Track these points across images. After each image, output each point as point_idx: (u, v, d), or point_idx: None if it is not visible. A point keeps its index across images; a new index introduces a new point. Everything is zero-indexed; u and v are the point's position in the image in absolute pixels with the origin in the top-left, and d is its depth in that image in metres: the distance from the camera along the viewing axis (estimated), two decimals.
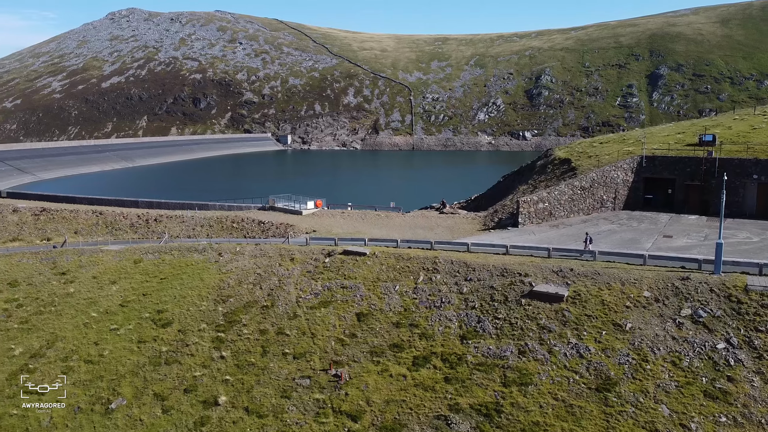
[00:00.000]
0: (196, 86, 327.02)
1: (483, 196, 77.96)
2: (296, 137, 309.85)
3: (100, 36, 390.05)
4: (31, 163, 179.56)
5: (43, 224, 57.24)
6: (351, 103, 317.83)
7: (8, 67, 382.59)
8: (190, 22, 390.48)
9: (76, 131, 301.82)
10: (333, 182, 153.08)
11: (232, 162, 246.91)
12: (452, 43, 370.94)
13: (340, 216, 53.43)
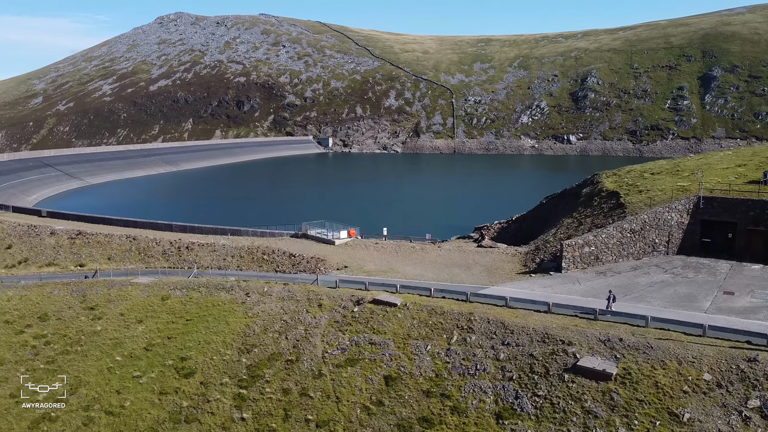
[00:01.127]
0: (240, 89, 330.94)
1: (525, 218, 74.81)
2: (337, 140, 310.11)
3: (149, 40, 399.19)
4: (80, 168, 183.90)
5: (79, 248, 57.22)
6: (392, 106, 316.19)
7: (62, 70, 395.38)
8: (235, 26, 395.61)
9: (124, 133, 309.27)
10: (371, 190, 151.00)
11: (273, 165, 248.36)
12: (495, 44, 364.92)
13: (373, 247, 51.50)
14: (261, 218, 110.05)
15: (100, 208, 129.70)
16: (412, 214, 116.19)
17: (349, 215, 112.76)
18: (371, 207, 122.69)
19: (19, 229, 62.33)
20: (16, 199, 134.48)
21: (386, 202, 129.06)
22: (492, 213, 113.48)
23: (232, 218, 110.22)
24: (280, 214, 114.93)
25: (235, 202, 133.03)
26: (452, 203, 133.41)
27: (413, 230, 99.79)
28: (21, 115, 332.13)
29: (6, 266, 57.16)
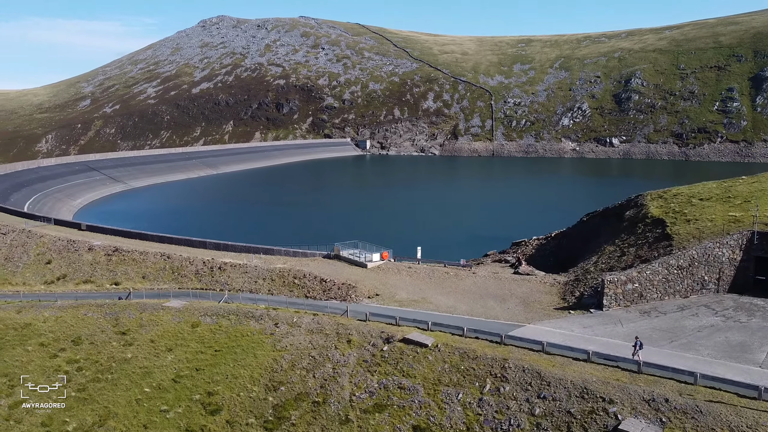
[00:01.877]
0: (279, 91, 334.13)
1: (565, 236, 72.36)
2: (375, 142, 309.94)
3: (192, 43, 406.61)
4: (123, 172, 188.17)
5: (115, 266, 57.77)
6: (430, 108, 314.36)
7: (110, 73, 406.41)
8: (276, 29, 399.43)
9: (167, 135, 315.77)
10: (407, 197, 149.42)
11: (310, 168, 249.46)
12: (536, 45, 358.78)
13: (406, 272, 50.26)
14: (296, 227, 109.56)
15: (140, 212, 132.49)
16: (448, 224, 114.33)
17: (383, 225, 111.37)
18: (406, 215, 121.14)
19: (59, 244, 63.38)
20: (62, 204, 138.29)
21: (422, 211, 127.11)
22: (531, 223, 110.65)
23: (267, 228, 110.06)
24: (315, 224, 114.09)
25: (270, 208, 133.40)
26: (490, 211, 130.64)
27: (449, 242, 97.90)
28: (70, 117, 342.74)
29: (45, 282, 58.13)
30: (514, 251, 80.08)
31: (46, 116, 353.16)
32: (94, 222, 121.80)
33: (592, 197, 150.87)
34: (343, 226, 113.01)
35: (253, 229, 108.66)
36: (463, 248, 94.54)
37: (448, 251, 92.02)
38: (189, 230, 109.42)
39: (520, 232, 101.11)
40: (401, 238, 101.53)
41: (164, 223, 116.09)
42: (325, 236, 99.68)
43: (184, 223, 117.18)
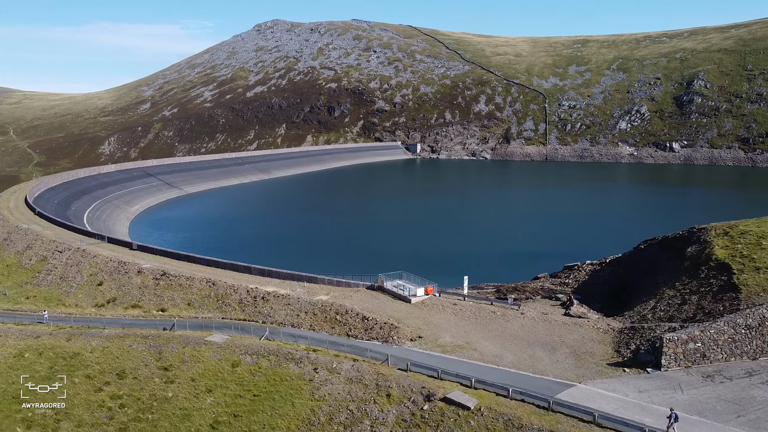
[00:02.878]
0: (331, 95, 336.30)
1: (620, 263, 69.03)
2: (425, 146, 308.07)
3: (247, 47, 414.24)
4: (178, 177, 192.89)
5: (162, 291, 58.42)
6: (482, 111, 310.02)
7: (169, 77, 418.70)
8: (328, 32, 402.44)
9: (222, 138, 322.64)
10: (456, 206, 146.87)
11: (361, 173, 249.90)
12: (592, 46, 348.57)
13: (451, 310, 48.62)
14: (342, 240, 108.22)
15: (192, 220, 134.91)
16: (497, 237, 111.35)
17: (430, 238, 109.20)
18: (454, 227, 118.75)
19: (111, 266, 64.68)
20: (119, 211, 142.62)
21: (470, 222, 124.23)
22: (584, 241, 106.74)
23: (314, 239, 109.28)
24: (361, 237, 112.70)
25: (318, 218, 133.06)
26: (541, 224, 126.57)
27: (498, 259, 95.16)
28: (131, 121, 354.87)
29: (96, 305, 59.34)
30: (566, 276, 77.11)
31: (109, 119, 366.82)
32: (148, 230, 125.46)
33: (650, 211, 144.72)
34: (390, 238, 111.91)
35: (299, 241, 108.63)
36: (513, 267, 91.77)
37: (497, 270, 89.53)
38: (238, 241, 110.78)
39: (573, 252, 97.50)
40: (449, 253, 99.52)
41: (214, 234, 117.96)
42: (371, 251, 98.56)
43: (233, 233, 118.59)
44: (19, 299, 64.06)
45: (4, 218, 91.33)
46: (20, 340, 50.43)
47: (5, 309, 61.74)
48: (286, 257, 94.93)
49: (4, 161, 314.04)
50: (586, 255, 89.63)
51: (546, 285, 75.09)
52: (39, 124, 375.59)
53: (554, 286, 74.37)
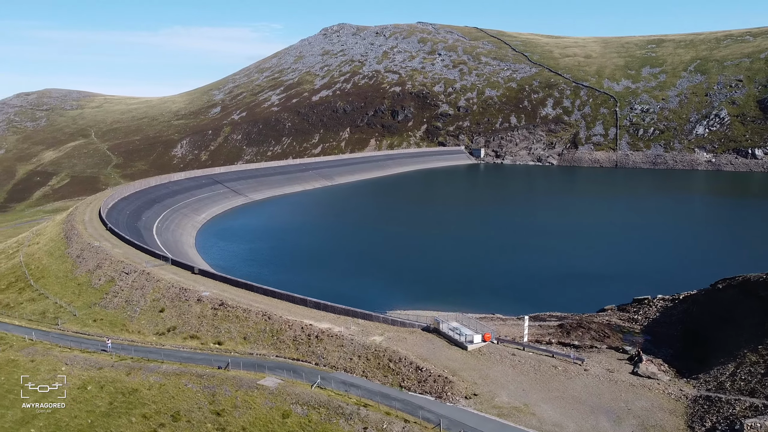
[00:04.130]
0: (395, 99, 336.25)
1: (695, 302, 64.72)
2: (489, 150, 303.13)
3: (314, 51, 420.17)
4: (244, 185, 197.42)
5: (219, 322, 59.17)
6: (549, 115, 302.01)
7: (238, 81, 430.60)
8: (393, 35, 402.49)
9: (288, 142, 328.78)
10: (519, 217, 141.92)
11: (423, 179, 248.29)
12: (668, 46, 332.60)
13: (509, 361, 46.56)
14: (401, 258, 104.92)
15: (255, 230, 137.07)
16: (562, 258, 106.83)
17: (491, 256, 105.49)
18: (517, 245, 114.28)
19: (172, 292, 66.19)
20: (187, 220, 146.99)
21: (534, 238, 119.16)
22: (656, 266, 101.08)
23: (371, 257, 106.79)
24: (420, 253, 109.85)
25: (378, 231, 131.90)
26: (610, 244, 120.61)
27: (563, 285, 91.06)
28: (202, 124, 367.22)
29: (157, 333, 60.77)
30: (635, 311, 73.07)
31: (181, 123, 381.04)
32: (213, 240, 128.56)
33: (731, 232, 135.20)
34: (449, 255, 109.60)
35: (356, 257, 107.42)
36: (578, 293, 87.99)
37: (561, 295, 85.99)
38: (298, 255, 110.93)
39: (643, 276, 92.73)
40: (509, 273, 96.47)
41: (275, 246, 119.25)
42: (429, 271, 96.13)
43: (294, 245, 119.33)
44: (87, 321, 66.49)
45: (79, 234, 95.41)
46: (85, 370, 52.10)
47: (74, 331, 64.24)
48: (343, 276, 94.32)
49: (85, 163, 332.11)
50: (656, 284, 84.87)
51: (613, 320, 71.47)
52: (118, 127, 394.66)
53: (622, 321, 70.67)
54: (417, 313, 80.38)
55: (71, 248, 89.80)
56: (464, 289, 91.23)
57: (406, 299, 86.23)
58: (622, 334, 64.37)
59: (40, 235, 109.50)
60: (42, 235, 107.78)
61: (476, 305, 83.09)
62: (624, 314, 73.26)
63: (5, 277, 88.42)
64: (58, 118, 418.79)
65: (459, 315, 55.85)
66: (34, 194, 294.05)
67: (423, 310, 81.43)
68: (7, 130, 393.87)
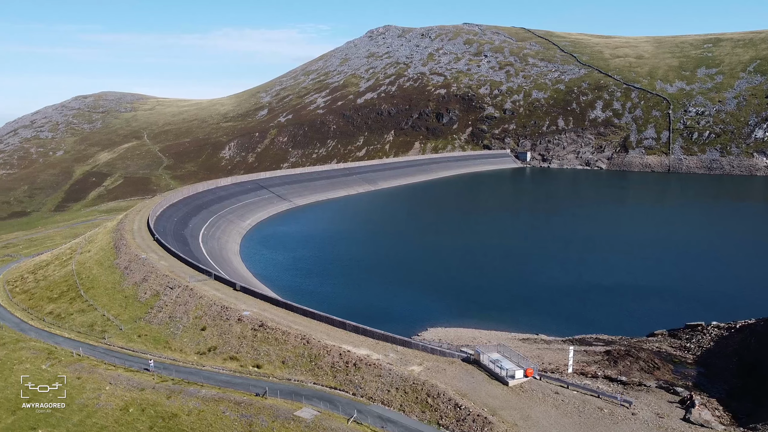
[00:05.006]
0: (439, 101, 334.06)
1: (753, 333, 61.59)
2: (536, 154, 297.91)
3: (359, 53, 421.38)
4: (288, 190, 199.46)
5: (259, 344, 59.39)
6: (598, 118, 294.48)
7: (285, 84, 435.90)
8: (439, 37, 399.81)
9: (333, 144, 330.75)
10: (567, 229, 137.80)
11: (467, 184, 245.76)
12: (725, 45, 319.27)
13: (551, 401, 44.88)
14: (442, 272, 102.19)
15: (299, 238, 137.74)
16: (608, 272, 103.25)
17: (535, 272, 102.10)
18: (562, 258, 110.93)
19: (214, 310, 66.91)
20: (233, 227, 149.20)
21: (579, 254, 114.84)
22: (710, 285, 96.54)
23: (411, 270, 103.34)
24: (461, 267, 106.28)
25: (418, 241, 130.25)
26: (659, 257, 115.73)
27: (608, 303, 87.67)
28: (249, 126, 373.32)
29: (198, 352, 61.47)
30: (687, 338, 69.98)
31: (230, 125, 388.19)
32: (257, 248, 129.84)
33: None
34: (490, 268, 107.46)
35: (397, 268, 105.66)
36: (626, 312, 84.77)
37: (608, 314, 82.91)
38: (339, 266, 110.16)
39: (697, 302, 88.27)
40: (553, 290, 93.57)
41: (318, 255, 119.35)
42: (469, 285, 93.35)
43: (335, 254, 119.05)
44: (132, 336, 67.86)
45: (127, 244, 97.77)
46: (127, 391, 53.07)
47: (120, 347, 65.61)
48: (383, 287, 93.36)
49: (138, 164, 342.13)
50: (711, 308, 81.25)
51: (663, 347, 68.70)
52: (169, 129, 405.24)
53: (673, 349, 67.84)
54: (458, 331, 79.10)
55: (120, 259, 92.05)
56: (507, 305, 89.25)
57: (448, 314, 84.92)
58: (673, 365, 61.62)
59: (92, 242, 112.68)
60: (93, 243, 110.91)
61: (519, 323, 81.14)
62: (675, 341, 70.20)
63: (58, 286, 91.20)
64: (113, 120, 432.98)
65: (501, 345, 54.32)
66: (90, 194, 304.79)
67: (464, 328, 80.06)
68: (65, 132, 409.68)
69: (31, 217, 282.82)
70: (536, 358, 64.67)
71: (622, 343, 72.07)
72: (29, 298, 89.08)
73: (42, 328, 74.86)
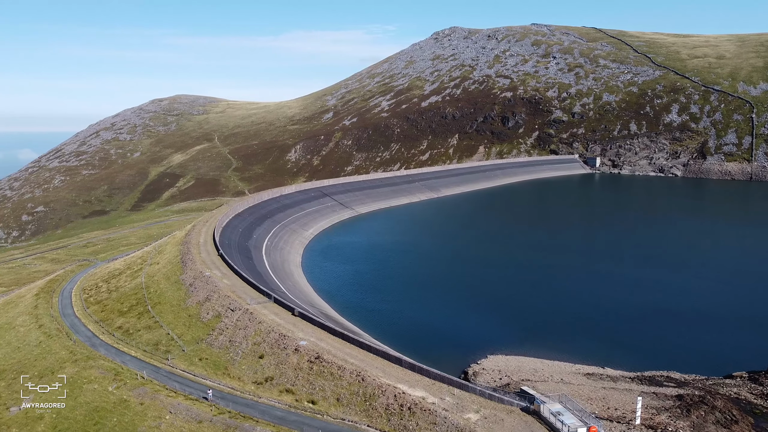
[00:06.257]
0: (505, 105, 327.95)
1: None
2: (606, 160, 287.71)
3: (424, 56, 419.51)
4: (351, 197, 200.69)
5: (314, 378, 59.36)
6: (673, 122, 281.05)
7: (350, 87, 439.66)
8: (506, 38, 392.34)
9: (396, 148, 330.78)
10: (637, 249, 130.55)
11: (533, 191, 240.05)
12: None
13: None
14: (500, 297, 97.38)
15: (360, 249, 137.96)
16: (683, 300, 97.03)
17: (603, 295, 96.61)
18: (630, 281, 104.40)
19: (272, 337, 67.51)
20: (295, 236, 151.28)
21: (649, 273, 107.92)
22: None
23: (467, 291, 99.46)
24: (520, 287, 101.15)
25: (478, 254, 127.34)
26: (739, 283, 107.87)
27: (680, 337, 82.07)
28: (315, 130, 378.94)
29: (255, 381, 62.15)
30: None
31: (296, 128, 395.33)
32: (318, 260, 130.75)
33: None
34: (557, 288, 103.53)
35: (457, 286, 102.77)
36: (702, 349, 79.34)
37: (682, 353, 77.75)
38: (399, 281, 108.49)
39: None
40: (621, 316, 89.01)
41: (378, 270, 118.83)
42: (535, 306, 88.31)
43: (395, 269, 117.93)
44: (194, 359, 69.40)
45: (193, 259, 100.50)
46: (186, 422, 54.18)
47: (182, 369, 67.21)
48: (443, 305, 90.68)
49: (208, 166, 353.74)
50: None
51: (743, 393, 64.15)
52: (238, 131, 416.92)
53: (754, 397, 63.28)
54: (519, 360, 76.63)
55: (185, 274, 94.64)
56: (571, 330, 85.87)
57: (509, 339, 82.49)
58: (754, 418, 57.26)
59: (161, 253, 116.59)
60: (162, 255, 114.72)
61: (584, 352, 77.82)
62: (757, 387, 65.28)
63: (128, 298, 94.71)
64: (186, 122, 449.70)
65: (563, 395, 51.82)
66: (163, 195, 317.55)
67: (526, 356, 77.49)
68: (143, 134, 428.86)
69: (109, 215, 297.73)
70: (601, 400, 61.74)
71: (696, 385, 67.78)
72: (101, 309, 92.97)
73: (111, 344, 77.84)
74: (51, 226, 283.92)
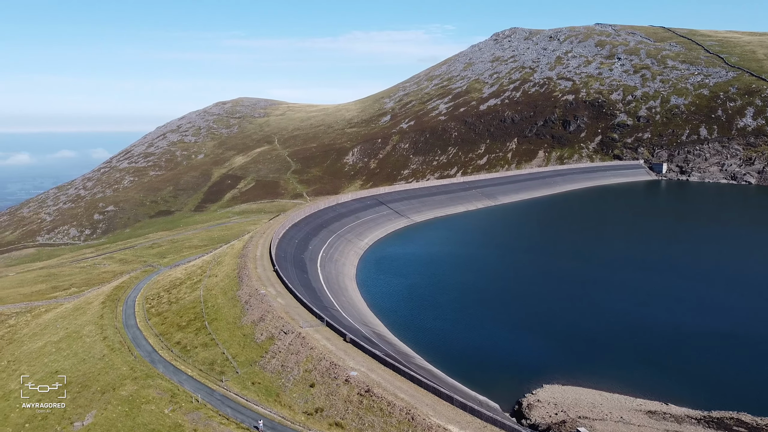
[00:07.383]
0: (566, 108, 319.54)
1: None
2: (673, 166, 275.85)
3: (484, 57, 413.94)
4: (407, 205, 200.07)
5: (364, 413, 59.06)
6: (748, 127, 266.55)
7: (408, 89, 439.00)
8: (568, 39, 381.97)
9: (454, 152, 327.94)
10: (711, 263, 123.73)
11: (595, 199, 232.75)
12: None
13: None
14: (555, 324, 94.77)
15: (416, 261, 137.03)
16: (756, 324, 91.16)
17: (670, 319, 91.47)
18: (703, 302, 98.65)
19: (323, 365, 67.66)
20: (351, 247, 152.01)
21: (719, 299, 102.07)
22: None
23: (522, 313, 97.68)
24: (584, 302, 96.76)
25: (537, 272, 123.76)
26: None
27: (748, 372, 76.85)
28: (372, 133, 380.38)
29: (305, 411, 62.44)
30: None
31: (354, 131, 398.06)
32: (373, 273, 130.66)
33: None
34: (616, 311, 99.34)
35: (512, 304, 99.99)
36: None
37: (751, 389, 73.28)
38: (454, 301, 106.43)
39: None
40: (687, 341, 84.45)
41: (435, 283, 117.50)
42: (592, 332, 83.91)
43: (451, 283, 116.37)
44: (246, 383, 70.45)
45: (249, 275, 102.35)
46: None
47: (235, 393, 68.29)
48: (497, 325, 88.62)
49: (268, 168, 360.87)
50: None
51: None
52: (297, 134, 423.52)
53: None
54: (577, 392, 74.08)
55: (242, 290, 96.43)
56: (633, 357, 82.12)
57: (566, 365, 79.84)
58: None
59: (219, 264, 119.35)
60: (220, 266, 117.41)
61: (646, 384, 74.33)
62: None
63: (187, 312, 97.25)
64: (247, 125, 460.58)
65: None
66: (225, 196, 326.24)
67: (584, 387, 74.79)
68: (206, 137, 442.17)
69: (174, 216, 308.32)
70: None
71: None
72: (162, 322, 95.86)
73: (169, 360, 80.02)
74: (120, 225, 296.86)
